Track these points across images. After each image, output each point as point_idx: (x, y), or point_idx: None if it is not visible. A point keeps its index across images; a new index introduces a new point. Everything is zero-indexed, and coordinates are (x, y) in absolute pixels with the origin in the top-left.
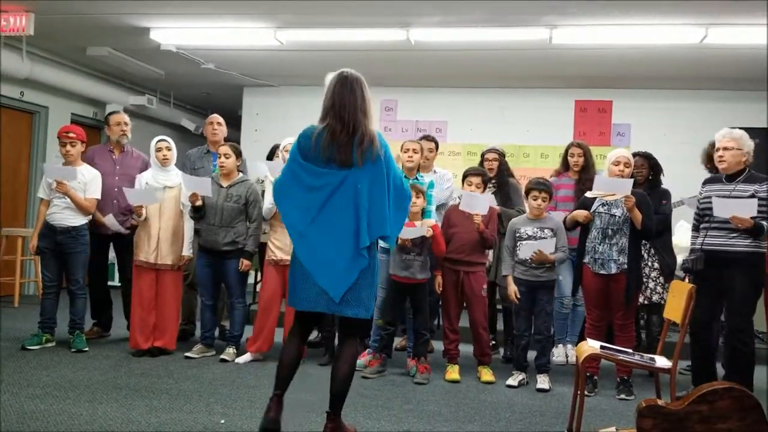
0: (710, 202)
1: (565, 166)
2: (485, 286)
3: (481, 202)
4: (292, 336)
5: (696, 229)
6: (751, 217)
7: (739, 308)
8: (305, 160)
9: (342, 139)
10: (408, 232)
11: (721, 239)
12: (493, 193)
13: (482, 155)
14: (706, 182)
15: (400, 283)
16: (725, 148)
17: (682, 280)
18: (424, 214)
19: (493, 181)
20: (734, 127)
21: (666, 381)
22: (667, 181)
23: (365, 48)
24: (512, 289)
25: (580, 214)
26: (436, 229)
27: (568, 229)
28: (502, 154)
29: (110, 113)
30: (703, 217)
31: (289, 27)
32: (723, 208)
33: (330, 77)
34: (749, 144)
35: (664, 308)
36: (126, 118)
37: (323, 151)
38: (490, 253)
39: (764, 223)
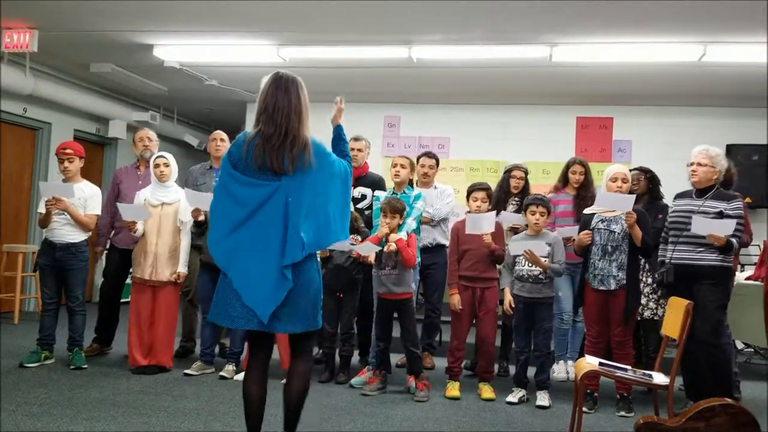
0: (679, 216)
1: (564, 181)
2: (497, 302)
3: (486, 221)
4: (250, 369)
5: (665, 242)
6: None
7: (708, 322)
8: (235, 170)
9: (275, 143)
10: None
11: (690, 253)
12: (515, 210)
13: (508, 171)
14: (677, 197)
15: (384, 299)
16: (699, 164)
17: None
18: (399, 226)
19: (516, 199)
20: (733, 144)
21: (666, 397)
22: (667, 198)
23: (368, 65)
24: (508, 299)
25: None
26: (400, 243)
27: (579, 255)
28: (526, 172)
29: (136, 130)
30: (671, 230)
31: (292, 44)
32: (702, 226)
33: (264, 80)
34: (723, 164)
35: (657, 324)
36: (150, 133)
37: (256, 159)
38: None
39: (733, 240)
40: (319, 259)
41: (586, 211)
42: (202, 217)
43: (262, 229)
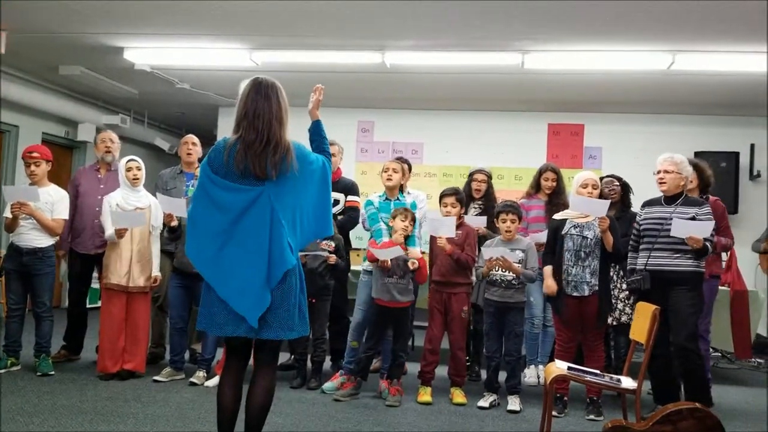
0: (651, 223)
1: (537, 187)
2: (466, 308)
3: (445, 226)
4: (226, 374)
5: (635, 249)
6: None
7: (684, 327)
8: (216, 175)
9: (257, 149)
10: (385, 253)
11: (666, 259)
12: (478, 214)
13: (470, 175)
14: (645, 205)
15: (383, 306)
16: (666, 171)
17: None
18: (408, 240)
19: (480, 202)
20: (701, 151)
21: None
22: (637, 204)
23: (341, 70)
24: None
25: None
26: (422, 261)
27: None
28: (489, 176)
29: (98, 132)
30: (643, 238)
31: (265, 48)
32: (681, 229)
33: (243, 85)
34: (688, 170)
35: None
36: (112, 135)
37: (237, 165)
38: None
39: (708, 244)
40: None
41: (556, 216)
42: (175, 223)
43: (247, 235)
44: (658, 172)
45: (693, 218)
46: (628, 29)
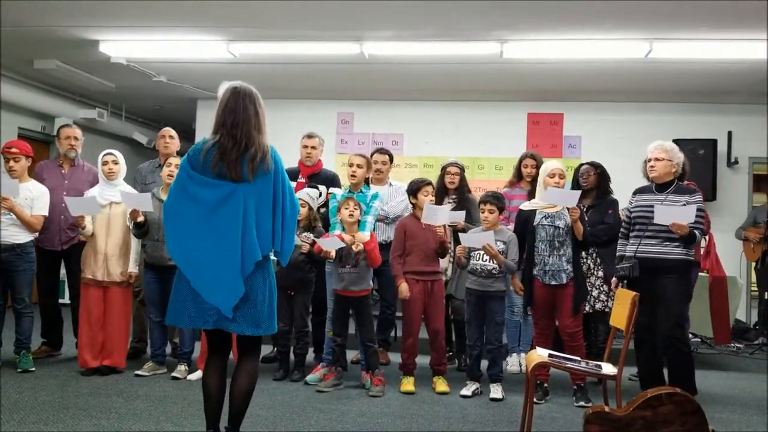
0: (642, 211)
1: (519, 176)
2: (444, 295)
3: (441, 213)
4: (209, 365)
5: (625, 237)
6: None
7: (672, 315)
8: (194, 170)
9: (232, 156)
10: (326, 243)
11: (655, 247)
12: (453, 208)
13: (443, 168)
14: (636, 192)
15: (341, 295)
16: (657, 159)
17: (616, 287)
18: (359, 225)
19: (454, 195)
20: (679, 139)
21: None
22: (616, 192)
23: (319, 61)
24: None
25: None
26: (368, 245)
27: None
28: (462, 169)
29: (61, 126)
30: (634, 226)
31: (242, 40)
32: (664, 215)
33: (222, 89)
34: (679, 156)
35: (607, 315)
36: (77, 132)
37: (213, 167)
38: (449, 267)
39: (696, 232)
40: (273, 257)
41: (523, 206)
42: (141, 218)
43: (220, 227)
44: (649, 160)
45: (684, 206)
46: (606, 17)
